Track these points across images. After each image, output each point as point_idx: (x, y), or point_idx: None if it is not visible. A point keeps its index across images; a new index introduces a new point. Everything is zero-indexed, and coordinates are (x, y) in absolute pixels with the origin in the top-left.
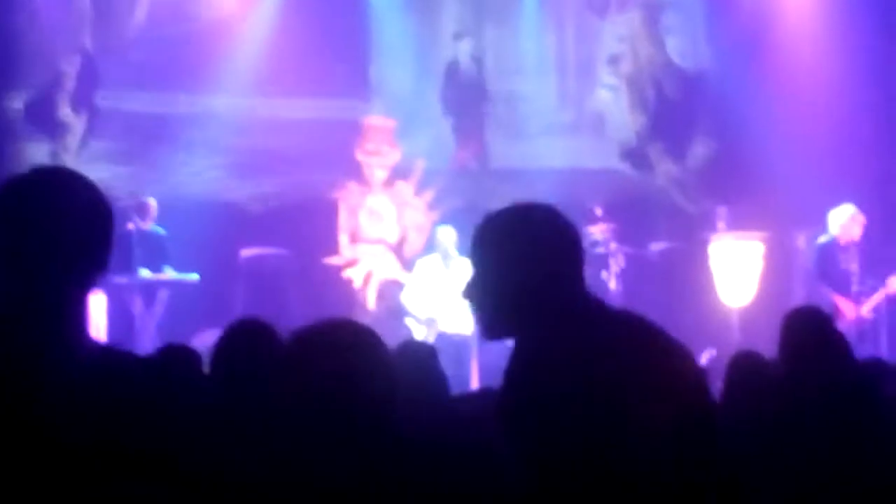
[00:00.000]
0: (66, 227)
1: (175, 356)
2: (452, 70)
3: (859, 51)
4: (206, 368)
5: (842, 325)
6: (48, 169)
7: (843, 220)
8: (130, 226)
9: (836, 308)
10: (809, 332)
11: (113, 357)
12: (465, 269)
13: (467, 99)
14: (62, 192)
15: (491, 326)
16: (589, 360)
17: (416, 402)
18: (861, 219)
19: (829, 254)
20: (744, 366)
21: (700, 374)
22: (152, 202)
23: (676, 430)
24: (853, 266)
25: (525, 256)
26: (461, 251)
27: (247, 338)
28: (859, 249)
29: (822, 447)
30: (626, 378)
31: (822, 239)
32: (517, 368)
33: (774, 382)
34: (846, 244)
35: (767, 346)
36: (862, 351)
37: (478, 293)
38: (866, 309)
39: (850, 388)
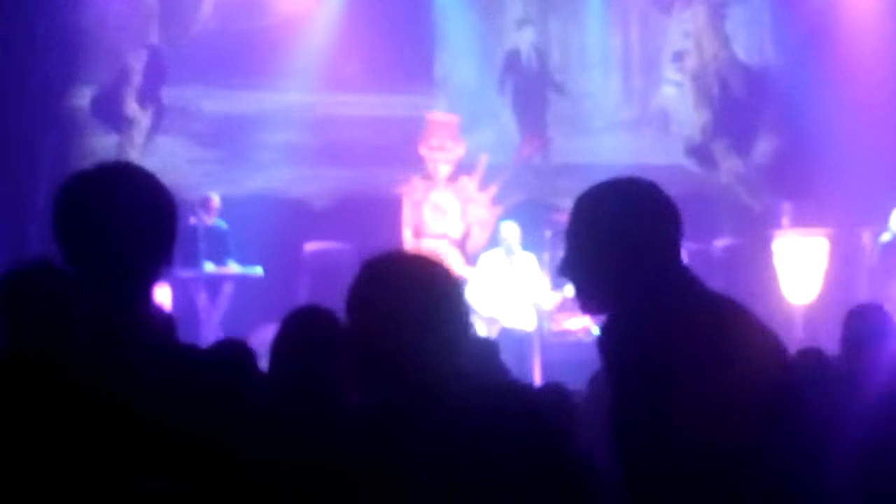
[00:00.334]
0: (132, 223)
1: (232, 351)
2: (513, 59)
3: None
4: (264, 362)
5: None
6: (114, 165)
7: None
8: (193, 220)
9: None
10: (871, 329)
11: (178, 350)
12: (528, 264)
13: (528, 90)
14: (127, 188)
15: (589, 301)
16: (688, 337)
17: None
18: None
19: (888, 253)
20: (807, 363)
21: (786, 357)
22: (215, 197)
23: (765, 409)
24: None
25: (625, 230)
26: (524, 246)
27: (309, 325)
28: None
29: (885, 445)
30: (724, 356)
31: (885, 237)
32: (618, 343)
33: (837, 380)
34: None
35: (831, 343)
36: None
37: (575, 268)
38: None
39: None
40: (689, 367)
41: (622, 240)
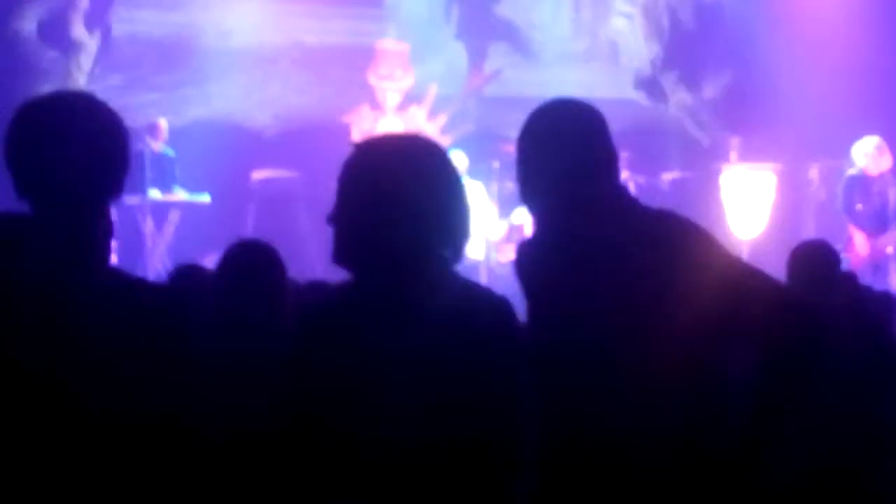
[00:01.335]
0: (84, 152)
1: (188, 276)
2: None
3: None
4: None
5: (854, 259)
6: (67, 93)
7: (868, 152)
8: (142, 146)
9: (849, 241)
10: (816, 266)
11: (128, 281)
12: (476, 193)
13: (474, 19)
14: (80, 117)
15: (532, 217)
16: (620, 248)
17: None
18: (885, 152)
19: (855, 187)
20: None
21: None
22: (163, 123)
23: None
24: (887, 198)
25: (556, 152)
26: (472, 176)
27: (249, 259)
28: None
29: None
30: (661, 265)
31: (851, 171)
32: (548, 256)
33: None
34: (877, 177)
35: (777, 278)
36: (876, 285)
37: (521, 188)
38: (880, 245)
39: (857, 323)
40: (632, 280)
41: (548, 160)
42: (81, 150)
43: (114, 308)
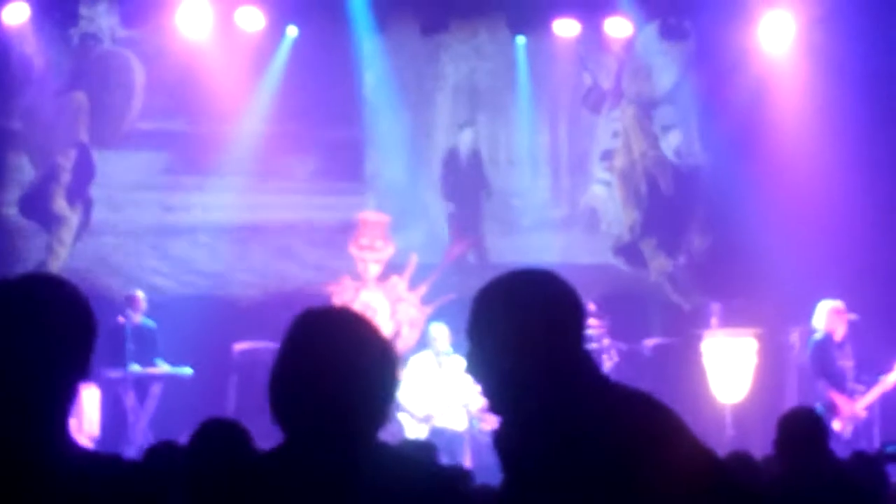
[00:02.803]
0: (44, 338)
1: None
2: (452, 158)
3: (854, 145)
4: None
5: (839, 422)
6: (32, 277)
7: (824, 316)
8: (122, 319)
9: (832, 405)
10: (804, 435)
11: (91, 462)
12: (458, 366)
13: (465, 189)
14: (42, 303)
15: (494, 400)
16: (591, 434)
17: None
18: (844, 314)
19: (824, 350)
20: (735, 470)
21: (703, 452)
22: (141, 295)
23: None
24: (847, 363)
25: (523, 327)
26: (455, 346)
27: (217, 440)
28: (853, 345)
29: None
30: (629, 453)
31: (817, 336)
32: (520, 439)
33: (766, 485)
34: (840, 341)
35: (760, 443)
36: (857, 447)
37: (479, 367)
38: (860, 406)
39: (844, 491)
40: (604, 468)
41: (521, 341)
42: (39, 338)
43: (80, 490)
